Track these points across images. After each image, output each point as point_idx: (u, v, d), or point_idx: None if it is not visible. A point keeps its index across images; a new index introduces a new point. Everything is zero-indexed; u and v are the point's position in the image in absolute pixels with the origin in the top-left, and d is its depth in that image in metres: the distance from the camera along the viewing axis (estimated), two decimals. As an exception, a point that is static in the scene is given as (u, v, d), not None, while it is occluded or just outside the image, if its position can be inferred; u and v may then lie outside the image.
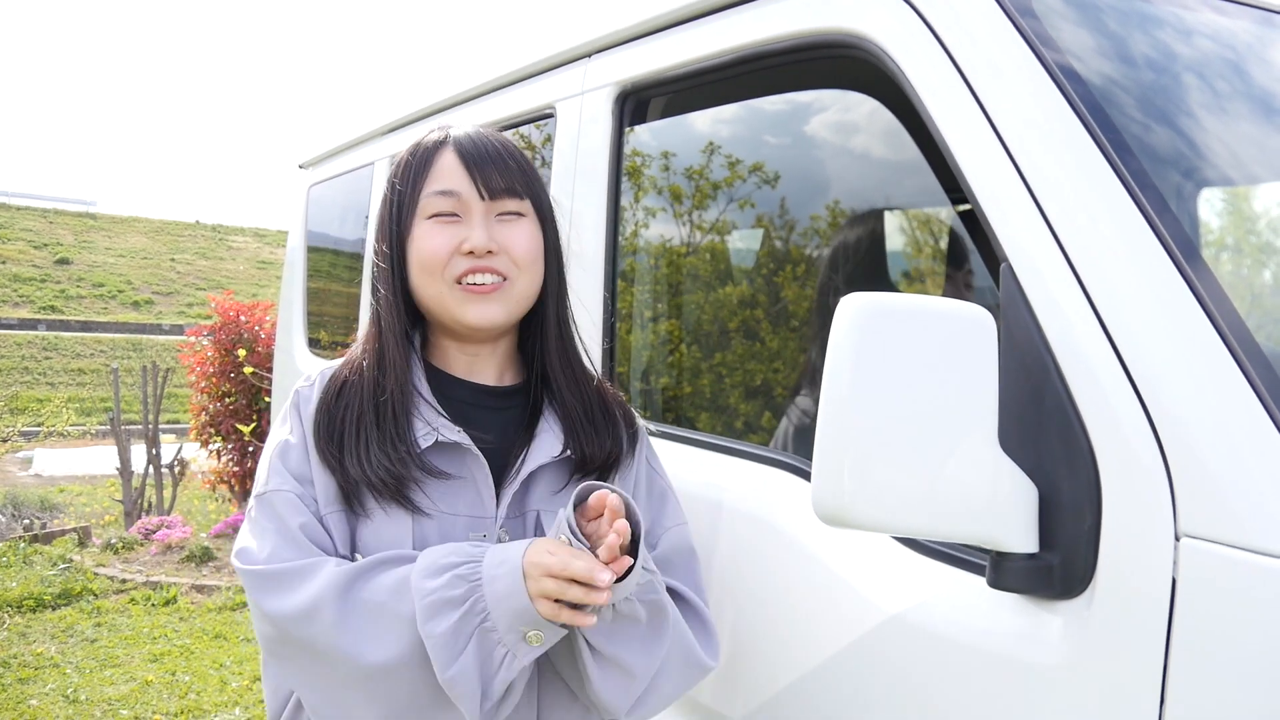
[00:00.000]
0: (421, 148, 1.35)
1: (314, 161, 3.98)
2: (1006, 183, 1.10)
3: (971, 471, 0.98)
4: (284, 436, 1.33)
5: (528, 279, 1.33)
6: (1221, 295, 1.00)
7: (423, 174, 1.32)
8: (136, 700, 4.28)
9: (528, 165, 1.36)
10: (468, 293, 1.29)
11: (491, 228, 1.30)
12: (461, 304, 1.30)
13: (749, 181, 1.75)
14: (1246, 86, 1.40)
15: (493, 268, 1.30)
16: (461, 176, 1.30)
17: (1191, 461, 0.92)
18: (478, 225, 1.29)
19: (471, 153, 1.31)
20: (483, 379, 1.39)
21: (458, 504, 1.29)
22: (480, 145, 1.32)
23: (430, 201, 1.31)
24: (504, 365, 1.41)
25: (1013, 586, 1.03)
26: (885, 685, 1.19)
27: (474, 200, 1.30)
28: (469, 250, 1.28)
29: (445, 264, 1.29)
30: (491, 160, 1.31)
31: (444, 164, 1.32)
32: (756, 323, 1.78)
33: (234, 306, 7.60)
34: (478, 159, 1.31)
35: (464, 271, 1.29)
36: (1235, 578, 0.88)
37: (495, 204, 1.31)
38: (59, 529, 7.13)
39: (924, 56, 1.22)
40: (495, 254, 1.30)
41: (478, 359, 1.38)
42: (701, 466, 1.58)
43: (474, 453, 1.28)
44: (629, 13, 1.79)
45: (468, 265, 1.29)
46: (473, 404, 1.36)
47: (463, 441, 1.28)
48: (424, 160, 1.33)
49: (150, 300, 27.21)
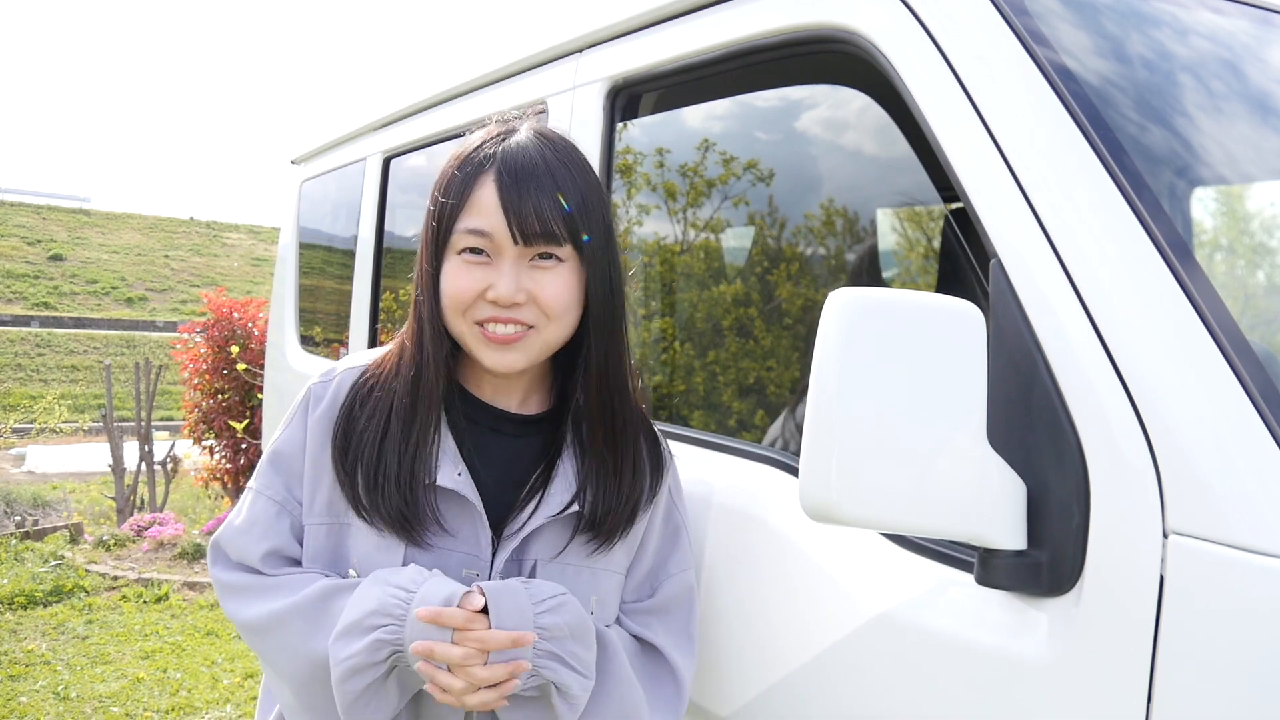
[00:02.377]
0: (466, 168, 1.24)
1: (306, 157, 3.97)
2: (997, 179, 1.10)
3: (960, 468, 0.97)
4: (284, 436, 1.32)
5: (556, 328, 1.25)
6: (1212, 293, 1.00)
7: (461, 201, 1.22)
8: (128, 697, 4.27)
9: (579, 197, 1.23)
10: (487, 339, 1.23)
11: (521, 275, 1.21)
12: (480, 348, 1.24)
13: (741, 178, 1.74)
14: (1239, 85, 1.40)
15: (516, 319, 1.22)
16: (496, 216, 1.20)
17: (1180, 459, 0.92)
18: (507, 273, 1.20)
19: (511, 189, 1.20)
20: (505, 404, 1.34)
21: (455, 540, 1.26)
22: (524, 176, 1.20)
23: (461, 238, 1.22)
24: (530, 390, 1.35)
25: (1001, 584, 1.03)
26: (873, 682, 1.19)
27: (506, 244, 1.20)
28: (493, 299, 1.21)
29: (469, 306, 1.22)
30: (532, 198, 1.19)
31: (482, 196, 1.21)
32: (749, 320, 1.78)
33: (227, 303, 7.59)
34: (518, 196, 1.19)
35: (486, 318, 1.22)
36: (1223, 575, 0.88)
37: (530, 249, 1.21)
38: (51, 526, 7.11)
39: (915, 52, 1.21)
40: (522, 305, 1.21)
41: (502, 383, 1.33)
42: (691, 463, 1.58)
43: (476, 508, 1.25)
44: (620, 8, 1.79)
45: (490, 314, 1.22)
46: (491, 429, 1.32)
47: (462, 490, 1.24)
48: (465, 184, 1.23)
49: (144, 297, 27.14)
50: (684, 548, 1.39)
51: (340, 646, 1.16)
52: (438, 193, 1.26)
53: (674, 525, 1.39)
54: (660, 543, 1.38)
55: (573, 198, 1.22)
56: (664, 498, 1.37)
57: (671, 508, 1.39)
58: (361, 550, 1.26)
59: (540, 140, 1.25)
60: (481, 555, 1.26)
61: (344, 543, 1.27)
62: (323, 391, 1.31)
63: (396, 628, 1.14)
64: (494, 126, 1.28)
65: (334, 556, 1.28)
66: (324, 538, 1.28)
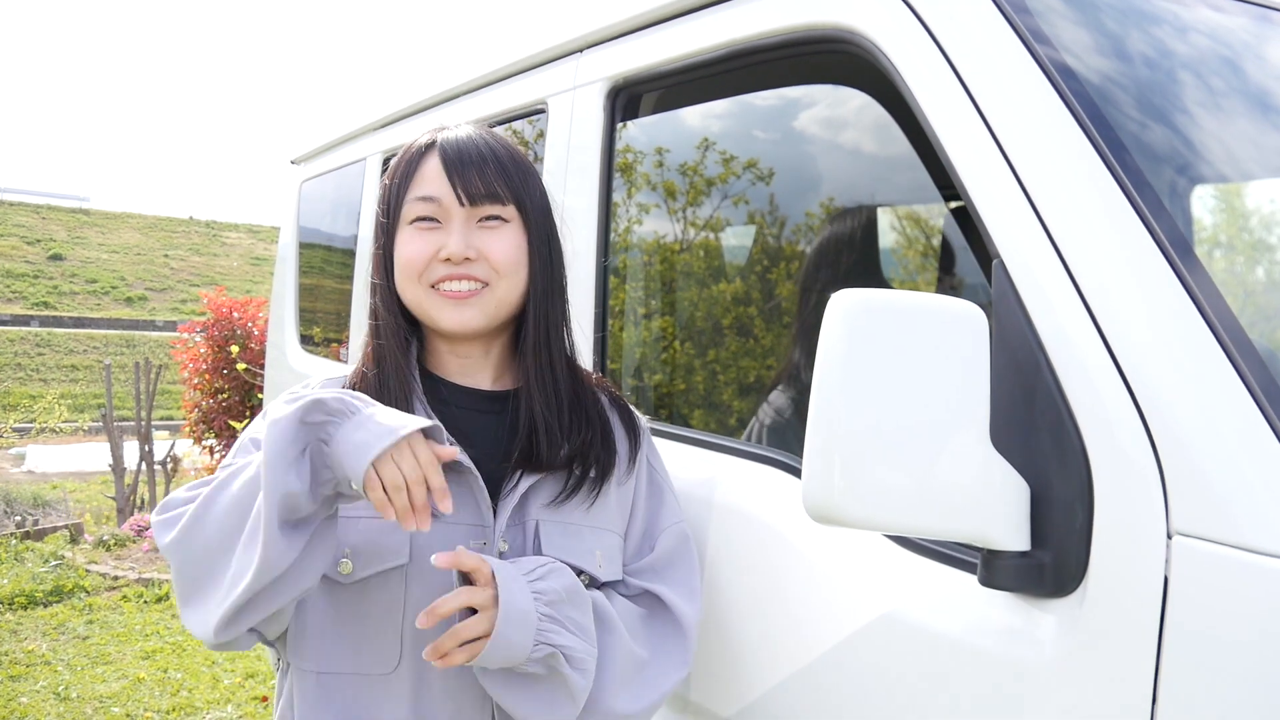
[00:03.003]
0: (409, 152, 1.35)
1: (306, 157, 3.96)
2: (999, 179, 1.10)
3: (963, 469, 0.97)
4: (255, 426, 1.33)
5: (508, 285, 1.32)
6: (1215, 292, 0.99)
7: (408, 179, 1.32)
8: (128, 698, 4.27)
9: (517, 167, 1.34)
10: (444, 298, 1.30)
11: (471, 234, 1.30)
12: (438, 309, 1.31)
13: (741, 177, 1.74)
14: (1240, 83, 1.40)
15: (470, 274, 1.29)
16: (442, 182, 1.30)
17: (1184, 459, 0.92)
18: (456, 232, 1.29)
19: (454, 157, 1.30)
20: (476, 383, 1.38)
21: (456, 513, 1.26)
22: (464, 149, 1.31)
23: (412, 207, 1.31)
24: (499, 369, 1.40)
25: (1004, 585, 1.02)
26: (876, 683, 1.18)
27: (454, 206, 1.30)
28: (445, 257, 1.28)
29: (423, 270, 1.30)
30: (474, 164, 1.30)
31: (427, 169, 1.31)
32: (749, 319, 1.77)
33: (227, 303, 7.58)
34: (460, 164, 1.30)
35: (441, 278, 1.29)
36: (1228, 576, 0.87)
37: (476, 209, 1.31)
38: (51, 526, 7.11)
39: (917, 52, 1.21)
40: (474, 260, 1.29)
41: (469, 362, 1.38)
42: (693, 463, 1.57)
43: (471, 471, 1.27)
44: (621, 8, 1.78)
45: (445, 272, 1.29)
46: (466, 408, 1.36)
47: (463, 461, 1.25)
48: (410, 165, 1.33)
49: (144, 296, 27.14)
50: (671, 503, 1.44)
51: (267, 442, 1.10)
52: (384, 181, 1.36)
53: (657, 486, 1.44)
54: (648, 503, 1.42)
55: (510, 166, 1.33)
56: (644, 466, 1.43)
57: (652, 473, 1.45)
58: (361, 533, 1.26)
59: (478, 128, 1.37)
60: (485, 524, 1.29)
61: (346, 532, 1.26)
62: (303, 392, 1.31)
63: (335, 423, 1.11)
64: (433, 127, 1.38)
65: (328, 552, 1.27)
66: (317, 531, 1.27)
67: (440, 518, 1.25)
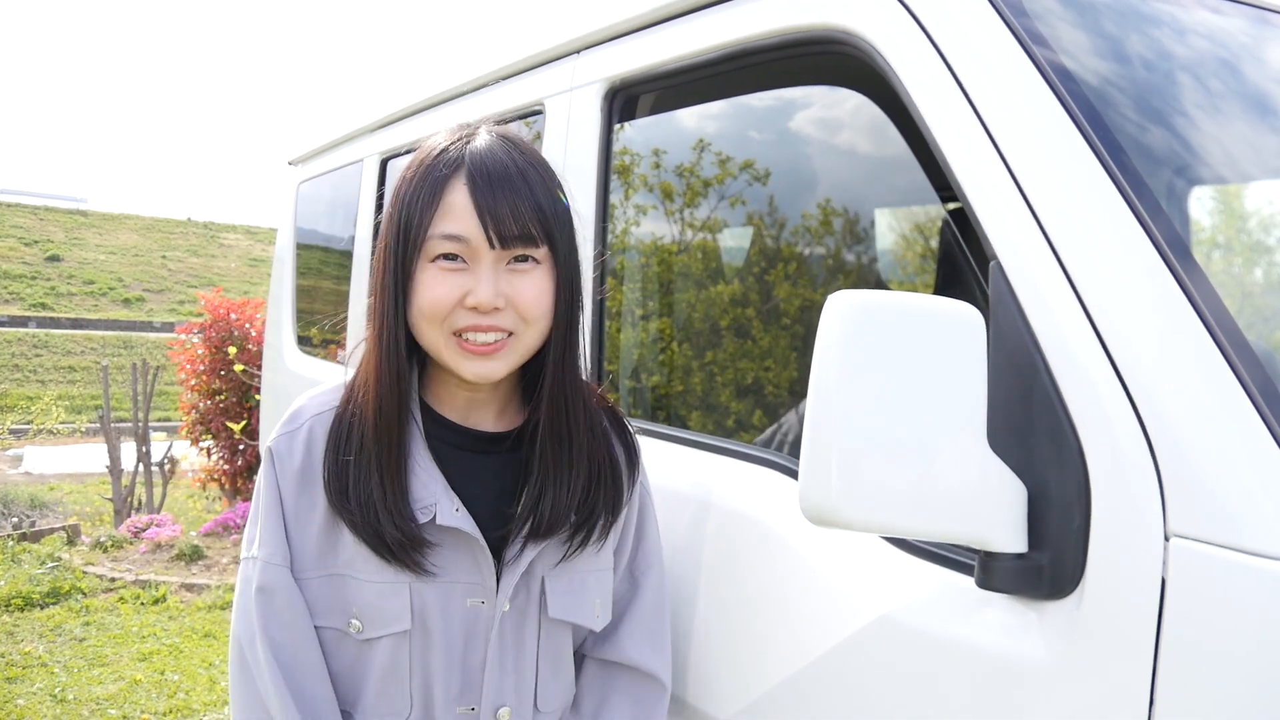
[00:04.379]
0: (434, 173, 1.19)
1: (303, 158, 3.96)
2: (996, 180, 1.10)
3: (960, 471, 0.97)
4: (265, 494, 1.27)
5: (534, 332, 1.22)
6: (1212, 294, 0.99)
7: (431, 206, 1.17)
8: (125, 699, 4.26)
9: (550, 197, 1.21)
10: (465, 349, 1.19)
11: (500, 279, 1.17)
12: (461, 360, 1.20)
13: (739, 178, 1.74)
14: (1237, 85, 1.40)
15: (496, 325, 1.18)
16: (472, 221, 1.16)
17: (1181, 461, 0.92)
18: (485, 278, 1.16)
19: (485, 191, 1.16)
20: (480, 424, 1.30)
21: (455, 571, 1.25)
22: (497, 178, 1.17)
23: (436, 244, 1.17)
24: (504, 407, 1.32)
25: (1001, 586, 1.02)
26: (874, 685, 1.18)
27: (483, 248, 1.16)
28: (473, 305, 1.16)
29: (446, 315, 1.18)
30: (508, 200, 1.16)
31: (455, 201, 1.17)
32: (746, 320, 1.77)
33: (224, 304, 7.58)
34: (493, 200, 1.15)
35: (465, 327, 1.18)
36: (1225, 578, 0.87)
37: (507, 252, 1.18)
38: (48, 527, 7.10)
39: (914, 53, 1.21)
40: (501, 310, 1.18)
41: (477, 398, 1.29)
42: (690, 465, 1.57)
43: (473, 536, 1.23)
44: (618, 9, 1.78)
45: (470, 321, 1.17)
46: (469, 450, 1.29)
47: (464, 527, 1.22)
48: (434, 189, 1.18)
49: (141, 298, 27.10)
50: (654, 532, 1.41)
51: None
52: (403, 200, 1.20)
53: (645, 513, 1.40)
54: (637, 532, 1.39)
55: (545, 198, 1.20)
56: (638, 491, 1.38)
57: (644, 495, 1.40)
58: (365, 597, 1.24)
59: (505, 142, 1.22)
60: (485, 583, 1.26)
61: (342, 592, 1.25)
62: (287, 447, 1.26)
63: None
64: (454, 130, 1.24)
65: (333, 605, 1.26)
66: (321, 588, 1.26)
67: (438, 577, 1.24)
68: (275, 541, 1.24)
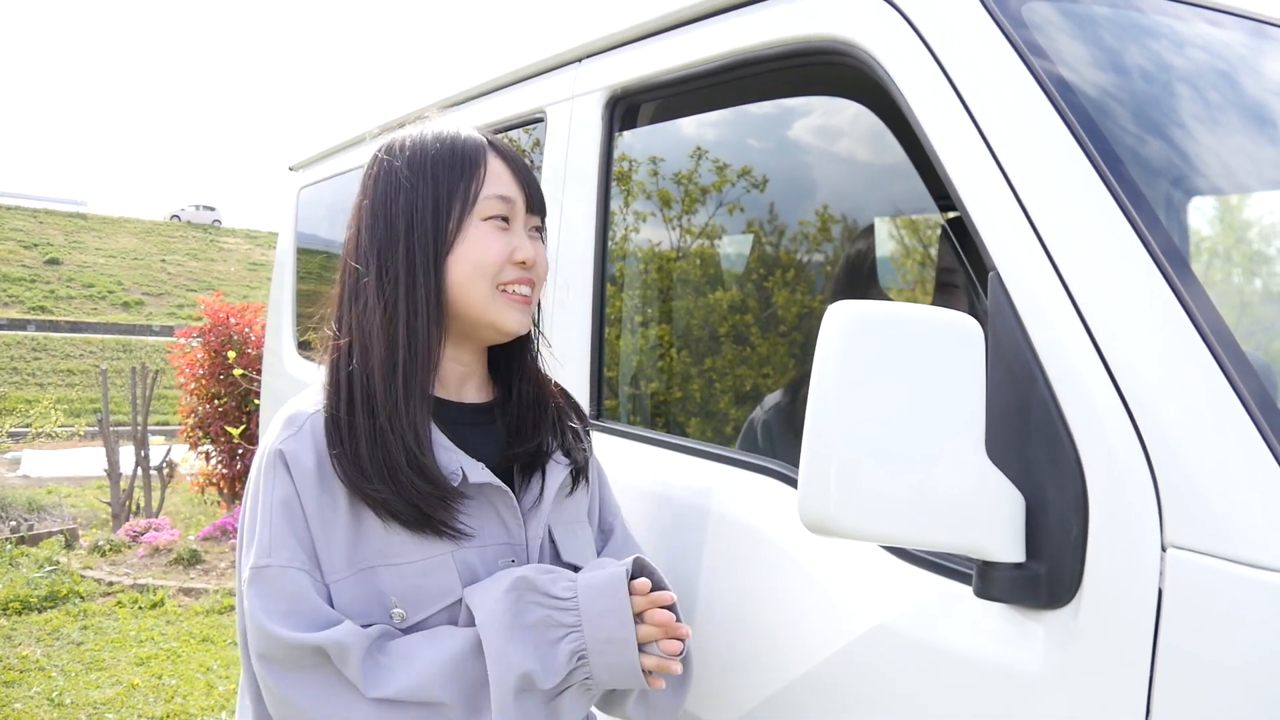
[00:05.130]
0: (464, 145, 1.28)
1: (304, 164, 3.97)
2: (995, 191, 1.10)
3: (958, 480, 0.98)
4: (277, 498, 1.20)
5: (539, 293, 1.37)
6: (1209, 305, 1.00)
7: (475, 173, 1.27)
8: (122, 704, 4.26)
9: None
10: (510, 300, 1.29)
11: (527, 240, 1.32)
12: (505, 310, 1.29)
13: (738, 187, 1.74)
14: (1235, 96, 1.40)
15: (531, 279, 1.31)
16: (514, 185, 1.30)
17: (1178, 472, 0.92)
18: (524, 236, 1.30)
19: (517, 162, 1.32)
20: (466, 396, 1.37)
21: (486, 534, 1.27)
22: (517, 157, 1.33)
23: (490, 204, 1.27)
24: (483, 382, 1.40)
25: (999, 596, 1.03)
26: (872, 694, 1.19)
27: (522, 211, 1.30)
28: (520, 260, 1.29)
29: (500, 269, 1.28)
30: (529, 173, 1.33)
31: (496, 169, 1.29)
32: (745, 328, 1.78)
33: (224, 308, 7.59)
34: (522, 169, 1.31)
35: (512, 280, 1.29)
36: (1222, 589, 0.88)
37: (532, 218, 1.33)
38: (46, 531, 7.09)
39: (913, 64, 1.22)
40: (532, 266, 1.31)
41: (466, 372, 1.36)
42: (689, 472, 1.58)
43: (499, 486, 1.27)
44: (619, 18, 1.79)
45: (516, 275, 1.29)
46: (465, 424, 1.33)
47: (491, 481, 1.26)
48: (472, 158, 1.28)
49: (140, 301, 27.11)
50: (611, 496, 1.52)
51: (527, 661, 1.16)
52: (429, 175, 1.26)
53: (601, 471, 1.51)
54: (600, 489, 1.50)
55: None
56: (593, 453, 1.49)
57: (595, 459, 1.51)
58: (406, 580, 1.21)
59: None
60: (515, 541, 1.30)
61: (377, 584, 1.21)
62: (297, 448, 1.22)
63: (577, 634, 1.18)
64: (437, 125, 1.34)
65: (368, 604, 1.21)
66: (352, 588, 1.20)
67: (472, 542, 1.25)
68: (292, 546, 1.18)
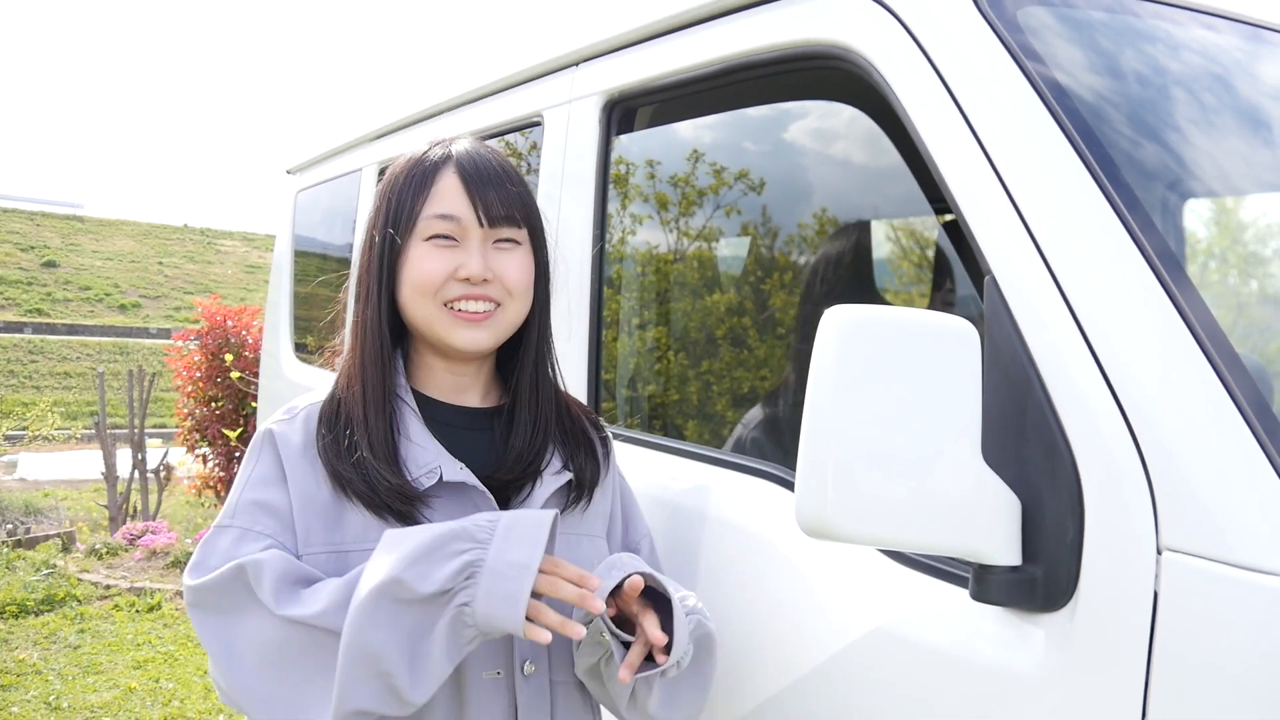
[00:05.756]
0: (423, 164, 1.31)
1: (301, 167, 3.97)
2: (991, 195, 1.11)
3: (954, 484, 0.98)
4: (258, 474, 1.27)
5: (517, 306, 1.33)
6: (1204, 308, 1.00)
7: (422, 192, 1.29)
8: (120, 708, 4.25)
9: (526, 189, 1.34)
10: (457, 318, 1.28)
11: (488, 255, 1.29)
12: (451, 328, 1.29)
13: (735, 191, 1.75)
14: (1231, 100, 1.41)
15: (486, 295, 1.29)
16: (463, 201, 1.28)
17: (1174, 475, 0.92)
18: (475, 252, 1.28)
19: (474, 176, 1.29)
20: (467, 401, 1.38)
21: None
22: (483, 168, 1.30)
23: (429, 224, 1.28)
24: (487, 389, 1.40)
25: (995, 599, 1.03)
26: (868, 697, 1.19)
27: (473, 226, 1.28)
28: (465, 277, 1.27)
29: (439, 287, 1.27)
30: (494, 185, 1.29)
31: (445, 185, 1.29)
32: (743, 331, 1.78)
33: (221, 311, 7.57)
34: (480, 183, 1.28)
35: (457, 296, 1.28)
36: (1217, 592, 0.88)
37: (494, 231, 1.29)
38: (43, 534, 7.08)
39: (909, 69, 1.22)
40: (490, 282, 1.29)
41: (463, 379, 1.37)
42: (686, 475, 1.58)
43: (479, 489, 1.27)
44: (616, 22, 1.79)
45: (461, 291, 1.28)
46: (460, 427, 1.35)
47: (469, 480, 1.26)
48: (424, 178, 1.30)
49: (137, 304, 27.09)
50: (639, 509, 1.50)
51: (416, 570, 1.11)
52: (393, 190, 1.31)
53: (628, 491, 1.50)
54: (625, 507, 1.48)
55: (523, 190, 1.33)
56: (615, 472, 1.47)
57: (622, 479, 1.50)
58: None
59: (485, 145, 1.35)
60: None
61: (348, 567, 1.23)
62: (287, 429, 1.29)
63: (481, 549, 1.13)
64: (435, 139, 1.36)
65: None
66: (324, 565, 1.24)
67: None
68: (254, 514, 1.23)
